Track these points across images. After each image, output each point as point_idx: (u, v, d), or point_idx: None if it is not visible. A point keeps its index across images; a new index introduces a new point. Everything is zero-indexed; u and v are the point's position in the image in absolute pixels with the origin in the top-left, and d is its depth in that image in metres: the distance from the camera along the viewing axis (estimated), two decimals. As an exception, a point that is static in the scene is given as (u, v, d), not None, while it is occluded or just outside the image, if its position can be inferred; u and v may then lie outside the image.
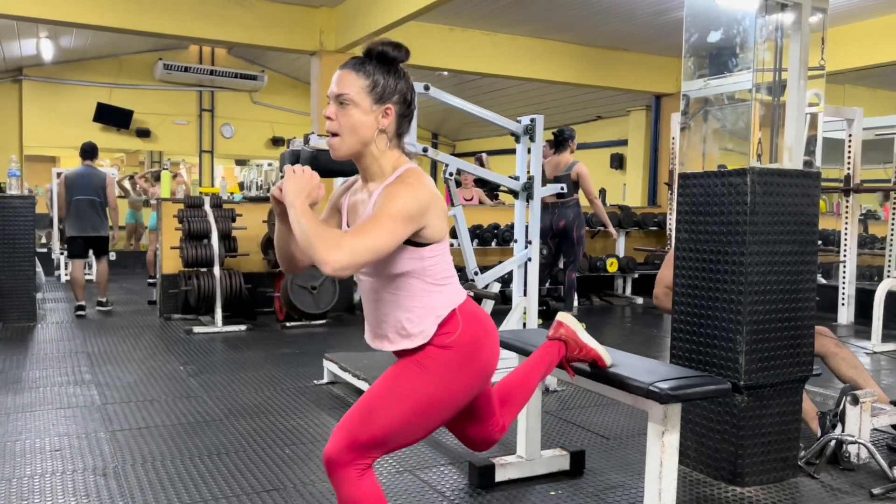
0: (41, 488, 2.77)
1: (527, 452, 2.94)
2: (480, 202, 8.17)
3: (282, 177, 1.77)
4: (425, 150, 4.06)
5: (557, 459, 3.02)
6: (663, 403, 2.22)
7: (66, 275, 9.76)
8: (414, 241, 1.75)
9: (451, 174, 4.19)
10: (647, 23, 7.89)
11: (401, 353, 1.88)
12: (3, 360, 4.88)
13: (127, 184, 12.42)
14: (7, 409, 3.78)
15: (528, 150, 4.36)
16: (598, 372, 2.41)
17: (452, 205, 4.29)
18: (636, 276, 8.51)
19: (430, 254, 1.79)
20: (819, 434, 3.17)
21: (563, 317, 2.44)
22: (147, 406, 3.89)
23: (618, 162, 11.27)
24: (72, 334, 5.90)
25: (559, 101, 11.01)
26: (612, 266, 8.31)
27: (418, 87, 4.02)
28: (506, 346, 2.88)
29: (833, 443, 3.07)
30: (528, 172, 4.40)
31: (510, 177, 4.50)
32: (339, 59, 7.63)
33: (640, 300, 8.34)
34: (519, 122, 4.38)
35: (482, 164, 6.85)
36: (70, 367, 4.73)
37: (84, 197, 6.94)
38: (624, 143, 11.03)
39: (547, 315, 7.07)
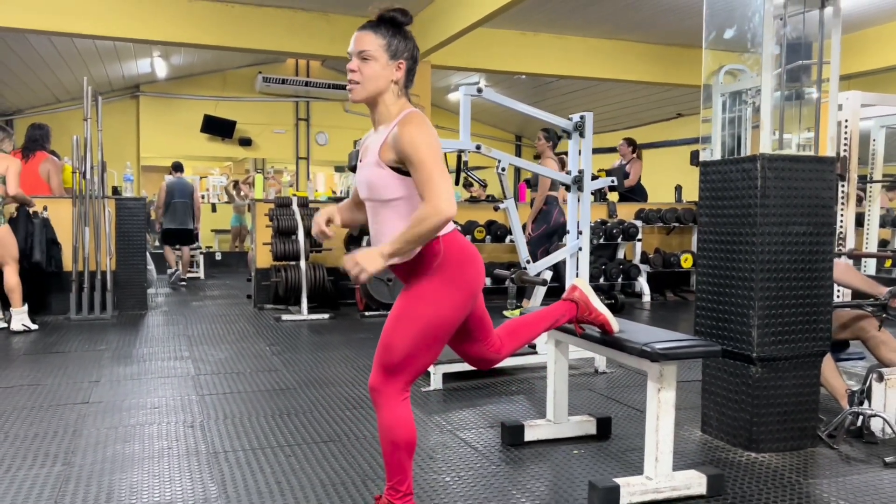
0: (140, 434, 3.31)
1: (555, 416, 3.24)
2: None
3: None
4: (478, 147, 4.41)
5: (584, 424, 3.30)
6: (654, 361, 2.49)
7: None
8: (404, 171, 2.11)
9: (503, 169, 4.52)
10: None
11: (398, 272, 2.24)
12: (118, 340, 5.58)
13: (232, 190, 13.42)
14: (118, 377, 4.41)
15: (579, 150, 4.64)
16: (604, 336, 2.70)
17: (506, 197, 4.63)
18: (712, 271, 8.52)
19: None
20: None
21: (578, 281, 2.76)
22: (233, 377, 4.43)
23: (697, 159, 11.20)
24: (176, 321, 6.60)
25: (637, 101, 11.08)
26: (686, 262, 8.38)
27: (472, 89, 4.39)
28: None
29: (851, 416, 3.21)
30: (579, 167, 4.68)
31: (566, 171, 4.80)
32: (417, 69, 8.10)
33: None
34: (570, 119, 4.67)
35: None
36: (172, 347, 5.37)
37: (180, 200, 9.54)
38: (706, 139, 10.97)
39: (614, 309, 7.26)
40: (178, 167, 9.86)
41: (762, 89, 3.07)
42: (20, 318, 5.88)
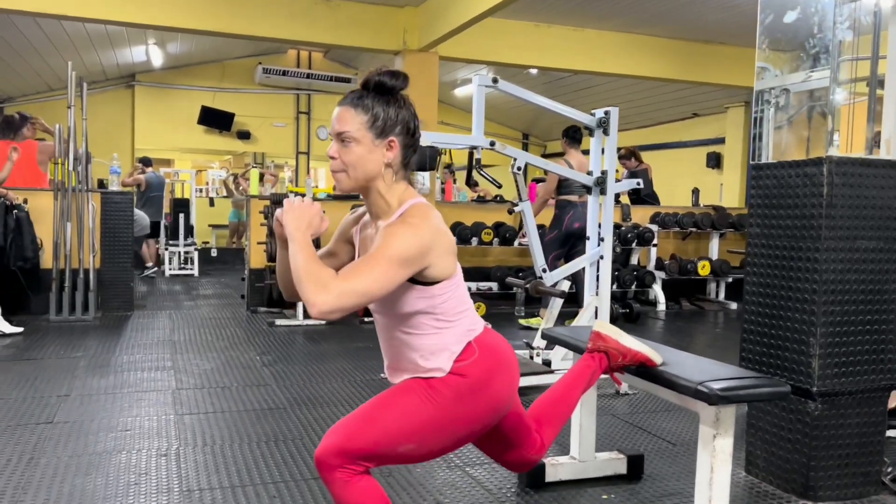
0: (105, 465, 2.90)
1: (580, 454, 2.83)
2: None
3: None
4: (492, 143, 3.99)
5: (613, 463, 2.89)
6: (712, 405, 2.07)
7: (170, 269, 10.33)
8: (421, 281, 1.69)
9: (518, 168, 4.10)
10: (745, 13, 7.49)
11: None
12: (97, 346, 5.17)
13: (231, 184, 13.00)
14: (91, 390, 3.99)
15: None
16: (647, 371, 2.28)
17: (521, 199, 4.21)
18: (730, 279, 8.12)
19: (439, 291, 1.72)
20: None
21: (599, 326, 2.33)
22: (218, 392, 4.01)
23: (714, 161, 10.79)
24: (162, 324, 6.18)
25: (653, 99, 10.66)
26: (703, 269, 7.95)
27: (486, 79, 3.98)
28: (560, 342, 2.79)
29: (923, 459, 2.80)
30: (602, 167, 4.27)
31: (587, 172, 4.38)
32: (422, 58, 7.69)
33: (733, 305, 7.95)
34: (593, 115, 4.26)
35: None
36: (154, 355, 4.95)
37: (157, 194, 9.99)
38: (721, 141, 10.56)
39: (629, 318, 6.85)
40: (149, 162, 10.27)
41: (830, 81, 2.64)
42: None
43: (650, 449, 3.23)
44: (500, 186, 4.21)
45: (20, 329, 5.53)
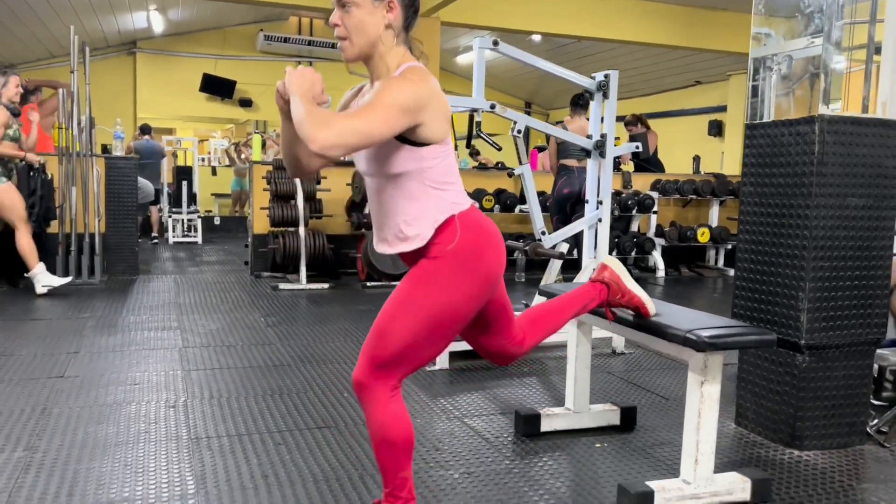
0: (116, 415, 3.00)
1: (575, 405, 2.92)
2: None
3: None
4: (493, 106, 4.04)
5: (607, 414, 2.98)
6: (700, 351, 2.16)
7: (173, 237, 10.42)
8: (411, 140, 1.75)
9: (518, 131, 4.15)
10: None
11: (405, 258, 1.90)
12: (104, 307, 5.26)
13: (233, 152, 13.02)
14: (99, 348, 4.09)
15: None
16: (639, 320, 2.36)
17: (521, 163, 4.27)
18: (729, 246, 8.18)
19: (428, 155, 1.79)
20: None
21: (609, 260, 2.41)
22: (223, 350, 4.11)
23: (716, 129, 10.79)
24: (167, 287, 6.28)
25: (656, 66, 10.63)
26: (703, 236, 8.01)
27: (487, 41, 4.00)
28: (551, 295, 2.86)
29: (907, 411, 2.89)
30: (602, 131, 4.31)
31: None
32: (423, 24, 7.56)
33: (732, 272, 7.99)
34: (593, 78, 4.29)
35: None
36: (160, 316, 5.05)
37: (148, 161, 9.70)
38: (723, 109, 10.55)
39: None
40: (147, 129, 10.30)
41: (824, 40, 2.69)
42: (43, 279, 5.60)
43: (644, 403, 3.32)
44: (499, 149, 4.26)
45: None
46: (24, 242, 5.54)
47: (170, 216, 10.61)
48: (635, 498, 2.18)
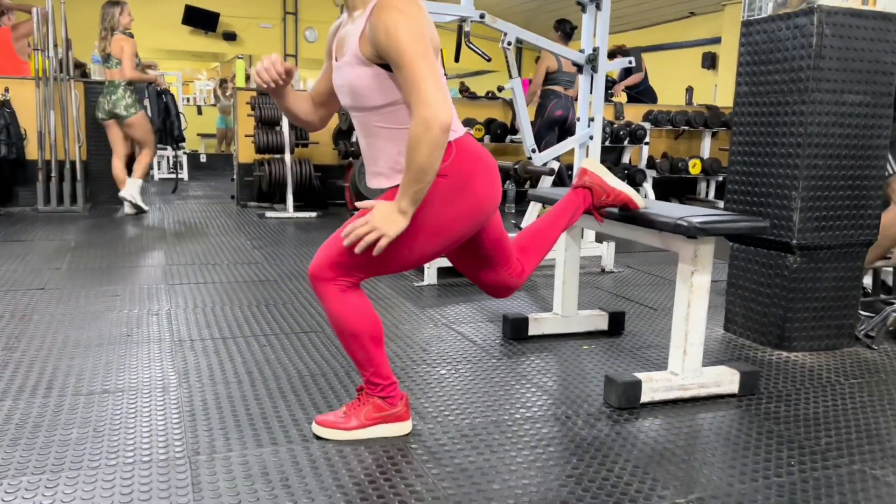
0: (96, 320, 2.95)
1: (563, 310, 2.89)
2: None
3: None
4: (482, 15, 3.90)
5: (595, 319, 2.96)
6: (691, 237, 2.11)
7: (158, 173, 10.26)
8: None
9: (509, 43, 4.03)
10: None
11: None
12: (87, 231, 5.18)
13: (219, 89, 12.75)
14: (81, 265, 4.02)
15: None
16: (627, 213, 2.31)
17: (511, 77, 4.16)
18: (720, 178, 8.12)
19: None
20: None
21: (587, 162, 2.35)
22: (209, 268, 4.05)
23: (710, 61, 10.61)
24: (152, 215, 6.18)
25: (649, -4, 10.39)
26: (694, 168, 7.94)
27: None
28: (539, 200, 2.81)
29: (894, 314, 2.87)
30: (594, 45, 4.19)
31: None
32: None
33: (722, 204, 7.97)
34: (584, -12, 4.15)
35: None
36: (144, 239, 4.98)
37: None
38: (717, 41, 10.35)
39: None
40: None
41: (825, -73, 2.58)
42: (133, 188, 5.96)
43: (632, 313, 3.31)
44: (489, 60, 4.14)
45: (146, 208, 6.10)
46: (145, 162, 5.97)
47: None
48: (622, 387, 2.16)
